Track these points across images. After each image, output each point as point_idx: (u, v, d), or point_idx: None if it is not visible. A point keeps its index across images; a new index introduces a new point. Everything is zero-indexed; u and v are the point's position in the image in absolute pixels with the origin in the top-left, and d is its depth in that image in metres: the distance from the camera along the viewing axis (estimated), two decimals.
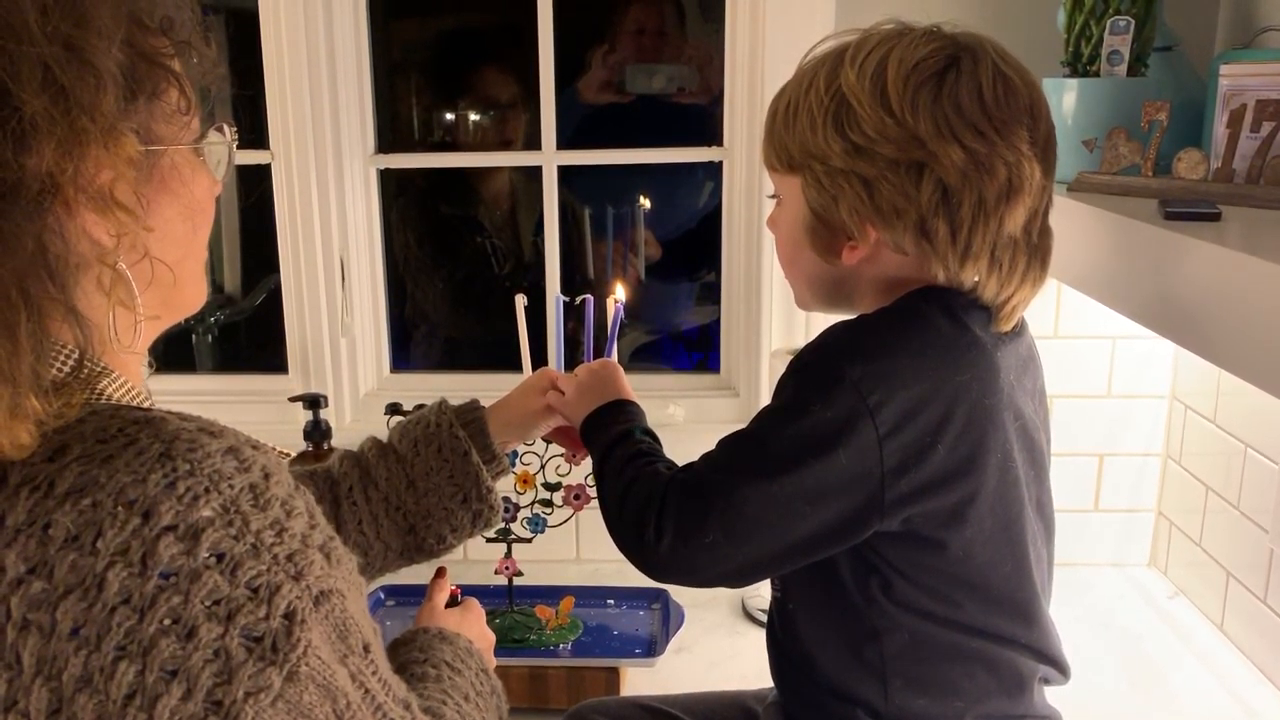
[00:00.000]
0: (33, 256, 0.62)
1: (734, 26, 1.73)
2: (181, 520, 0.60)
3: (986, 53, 0.92)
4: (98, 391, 0.67)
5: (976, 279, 0.94)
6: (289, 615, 0.62)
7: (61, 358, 0.65)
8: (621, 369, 1.16)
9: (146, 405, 0.70)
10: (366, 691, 0.67)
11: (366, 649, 0.68)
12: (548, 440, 1.29)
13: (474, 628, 1.04)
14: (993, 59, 0.92)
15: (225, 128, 0.77)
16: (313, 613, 0.63)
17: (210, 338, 2.56)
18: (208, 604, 0.60)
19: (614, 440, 1.06)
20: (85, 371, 0.66)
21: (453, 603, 1.08)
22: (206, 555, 0.60)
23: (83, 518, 0.59)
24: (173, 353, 2.41)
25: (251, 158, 1.80)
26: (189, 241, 0.74)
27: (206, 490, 0.61)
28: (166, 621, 0.59)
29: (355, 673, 0.66)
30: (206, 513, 0.61)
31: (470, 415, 1.14)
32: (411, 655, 0.93)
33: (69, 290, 0.65)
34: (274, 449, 0.69)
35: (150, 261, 0.69)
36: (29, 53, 0.60)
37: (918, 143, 0.89)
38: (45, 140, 0.60)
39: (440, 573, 1.11)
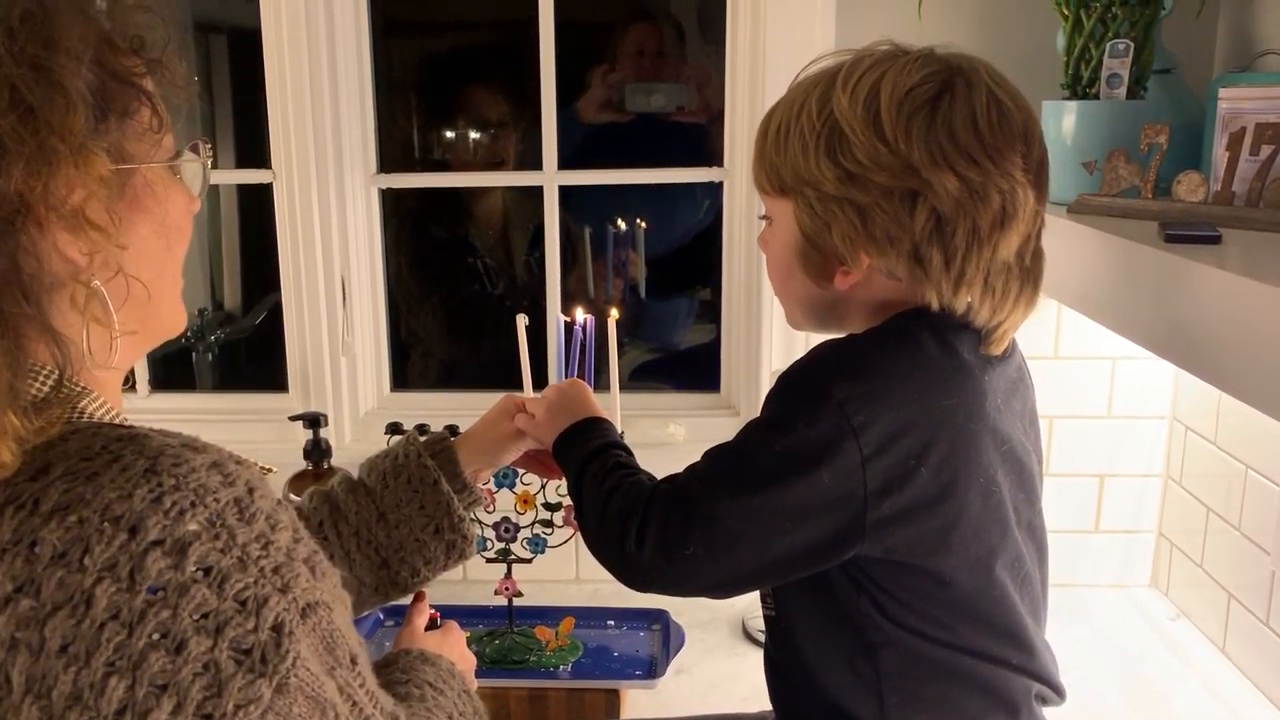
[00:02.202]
0: (6, 275, 0.63)
1: (734, 48, 1.74)
2: (168, 535, 0.60)
3: (980, 77, 0.91)
4: (78, 410, 0.68)
5: (969, 303, 0.94)
6: (277, 627, 0.62)
7: (41, 377, 0.66)
8: (589, 388, 1.16)
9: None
10: (354, 704, 0.67)
11: (354, 661, 0.68)
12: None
13: (455, 650, 1.04)
14: (987, 84, 0.91)
15: (200, 145, 0.78)
16: (300, 625, 0.63)
17: (210, 356, 2.56)
18: (196, 617, 0.60)
19: (590, 454, 1.05)
20: (65, 390, 0.66)
21: (431, 625, 1.08)
22: (194, 569, 0.60)
23: (69, 535, 0.59)
24: (173, 371, 2.41)
25: (253, 177, 1.80)
26: (164, 258, 0.75)
27: (193, 505, 0.61)
28: (156, 636, 0.59)
29: (343, 685, 0.66)
30: (193, 527, 0.61)
31: (439, 445, 1.14)
32: (394, 676, 0.93)
33: (44, 308, 0.65)
34: (256, 464, 0.69)
35: (125, 278, 0.69)
36: None
37: (911, 171, 0.88)
38: (14, 161, 0.61)
39: (419, 596, 1.11)
